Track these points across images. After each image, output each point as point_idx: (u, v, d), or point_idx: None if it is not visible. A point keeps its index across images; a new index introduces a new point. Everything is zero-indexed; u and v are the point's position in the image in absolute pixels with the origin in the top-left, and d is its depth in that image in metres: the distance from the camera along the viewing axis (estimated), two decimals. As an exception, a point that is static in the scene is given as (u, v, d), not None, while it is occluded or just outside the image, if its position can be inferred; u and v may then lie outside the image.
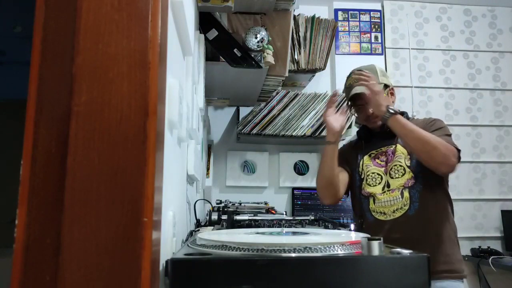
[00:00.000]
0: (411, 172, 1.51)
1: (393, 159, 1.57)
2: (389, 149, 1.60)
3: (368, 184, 1.59)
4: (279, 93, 2.46)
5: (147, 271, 0.50)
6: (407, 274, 0.59)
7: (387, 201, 1.53)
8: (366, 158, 1.64)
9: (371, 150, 1.64)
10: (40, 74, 0.54)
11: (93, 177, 0.51)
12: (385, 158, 1.59)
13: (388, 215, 1.51)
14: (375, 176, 1.59)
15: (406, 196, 1.49)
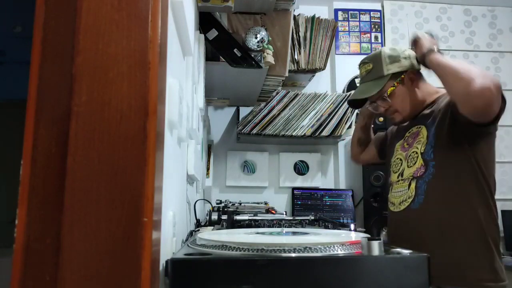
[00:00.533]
0: (422, 160, 1.31)
1: (413, 144, 1.38)
2: (417, 131, 1.40)
3: (393, 171, 1.46)
4: (279, 93, 2.46)
5: (147, 271, 0.50)
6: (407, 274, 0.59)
7: (398, 191, 1.40)
8: (400, 142, 1.48)
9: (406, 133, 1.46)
10: (40, 74, 0.54)
11: (93, 177, 0.51)
12: (412, 141, 1.40)
13: (396, 206, 1.38)
14: (397, 162, 1.45)
15: (412, 187, 1.33)
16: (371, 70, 1.42)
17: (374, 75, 1.41)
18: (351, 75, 2.82)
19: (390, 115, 1.45)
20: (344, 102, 2.48)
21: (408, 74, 1.40)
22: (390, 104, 1.41)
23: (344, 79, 2.83)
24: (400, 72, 1.39)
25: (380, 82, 1.39)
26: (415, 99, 1.41)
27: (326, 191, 2.64)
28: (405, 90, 1.40)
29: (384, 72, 1.39)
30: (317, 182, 2.72)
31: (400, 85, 1.39)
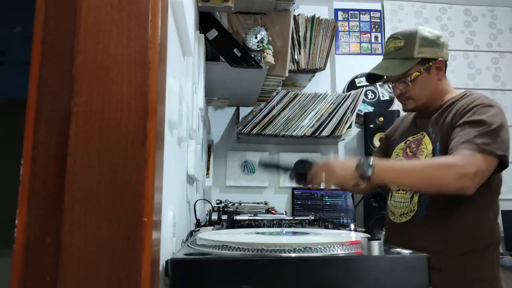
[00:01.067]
0: None
1: (417, 153, 1.29)
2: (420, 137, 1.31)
3: None
4: (279, 93, 2.46)
5: (147, 271, 0.50)
6: (407, 274, 0.59)
7: (397, 202, 1.34)
8: (401, 145, 1.38)
9: (409, 136, 1.37)
10: (40, 74, 0.54)
11: (93, 177, 0.51)
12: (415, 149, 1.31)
13: (396, 217, 1.33)
14: None
15: (414, 201, 1.27)
16: (402, 47, 1.31)
17: (403, 54, 1.30)
18: (351, 75, 2.82)
19: (403, 100, 1.35)
20: (344, 102, 2.48)
21: (437, 63, 1.30)
22: (408, 90, 1.31)
23: (344, 79, 2.83)
24: (430, 58, 1.29)
25: (408, 64, 1.29)
26: (435, 91, 1.32)
27: (326, 191, 2.64)
28: (428, 79, 1.30)
29: (415, 54, 1.28)
30: (317, 182, 2.72)
31: (426, 72, 1.30)
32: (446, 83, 1.36)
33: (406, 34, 1.32)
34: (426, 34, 1.30)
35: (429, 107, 1.35)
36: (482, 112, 1.17)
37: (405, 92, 1.32)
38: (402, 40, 1.31)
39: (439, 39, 1.31)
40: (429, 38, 1.30)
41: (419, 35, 1.29)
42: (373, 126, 2.53)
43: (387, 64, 1.35)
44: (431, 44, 1.29)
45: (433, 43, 1.30)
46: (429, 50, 1.29)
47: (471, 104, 1.21)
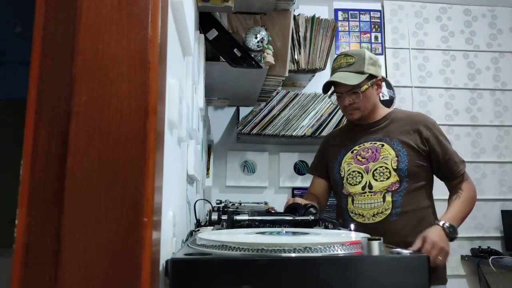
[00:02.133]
0: (397, 175, 1.44)
1: (378, 159, 1.48)
2: (374, 146, 1.51)
3: (349, 183, 1.52)
4: (279, 93, 2.46)
5: (147, 271, 0.50)
6: (407, 274, 0.59)
7: (366, 203, 1.47)
8: (348, 155, 1.55)
9: (354, 146, 1.56)
10: (40, 74, 0.54)
11: (93, 177, 0.51)
12: (367, 155, 1.50)
13: (367, 218, 1.46)
14: (355, 174, 1.51)
15: (388, 200, 1.43)
16: (353, 63, 1.50)
17: (355, 69, 1.49)
18: (351, 75, 2.82)
19: (350, 111, 1.53)
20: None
21: (377, 80, 1.54)
22: (357, 101, 1.50)
23: (344, 79, 2.82)
24: (375, 76, 1.51)
25: (360, 77, 1.48)
26: (376, 104, 1.56)
27: (326, 191, 2.64)
28: (373, 93, 1.53)
29: (365, 69, 1.49)
30: (317, 182, 2.72)
31: (371, 87, 1.51)
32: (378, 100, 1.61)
33: (355, 53, 1.53)
34: (370, 55, 1.54)
35: (369, 118, 1.57)
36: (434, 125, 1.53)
37: (353, 103, 1.51)
38: (353, 57, 1.52)
39: (378, 61, 1.56)
40: (373, 59, 1.53)
41: (366, 55, 1.52)
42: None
43: (343, 75, 1.51)
44: (374, 64, 1.53)
45: (375, 63, 1.54)
46: (373, 68, 1.52)
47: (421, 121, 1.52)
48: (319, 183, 1.70)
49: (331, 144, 1.68)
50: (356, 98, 1.50)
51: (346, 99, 1.51)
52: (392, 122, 1.54)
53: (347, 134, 1.63)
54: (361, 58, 1.50)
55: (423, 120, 1.52)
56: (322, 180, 1.69)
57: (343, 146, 1.59)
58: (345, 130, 1.68)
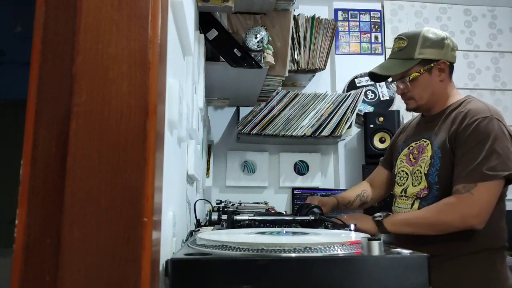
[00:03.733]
0: (426, 181, 1.27)
1: (418, 160, 1.32)
2: (422, 145, 1.32)
3: (397, 183, 1.40)
4: (279, 93, 2.45)
5: (147, 271, 0.50)
6: (407, 274, 0.59)
7: (400, 207, 1.37)
8: (405, 151, 1.40)
9: (412, 142, 1.39)
10: (40, 74, 0.54)
11: (93, 177, 0.51)
12: (417, 155, 1.33)
13: None
14: (403, 175, 1.37)
15: (415, 208, 1.30)
16: (404, 48, 1.33)
17: (404, 55, 1.33)
18: (351, 75, 2.82)
19: (406, 100, 1.38)
20: (344, 102, 2.48)
21: (439, 64, 1.32)
22: (409, 89, 1.34)
23: (344, 79, 2.83)
24: (432, 60, 1.31)
25: (407, 64, 1.32)
26: (437, 92, 1.34)
27: (326, 191, 2.64)
28: (429, 80, 1.32)
29: (415, 54, 1.31)
30: (317, 182, 2.72)
31: (427, 73, 1.31)
32: (450, 85, 1.36)
33: (409, 35, 1.34)
34: (429, 35, 1.32)
35: (431, 108, 1.36)
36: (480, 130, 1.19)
37: (406, 92, 1.35)
38: (405, 40, 1.34)
39: (443, 41, 1.33)
40: (432, 39, 1.32)
41: (422, 36, 1.31)
42: (373, 126, 2.53)
43: (388, 64, 1.38)
44: (434, 45, 1.31)
45: (435, 44, 1.31)
46: (431, 51, 1.30)
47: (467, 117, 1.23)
48: (380, 172, 1.60)
49: (399, 135, 1.53)
50: (405, 87, 1.33)
51: (398, 88, 1.36)
52: (448, 115, 1.30)
53: (414, 127, 1.45)
54: (414, 42, 1.31)
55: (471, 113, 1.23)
56: (384, 170, 1.57)
57: (405, 139, 1.44)
58: (416, 122, 1.48)
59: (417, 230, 1.22)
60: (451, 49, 1.35)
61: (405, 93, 1.36)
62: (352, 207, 1.57)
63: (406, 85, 1.33)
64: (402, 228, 1.24)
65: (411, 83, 1.32)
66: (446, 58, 1.33)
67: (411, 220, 1.25)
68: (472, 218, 1.15)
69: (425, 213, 1.23)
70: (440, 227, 1.19)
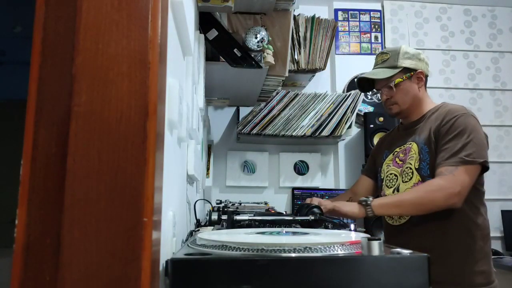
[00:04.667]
0: (419, 175, 1.37)
1: (407, 159, 1.43)
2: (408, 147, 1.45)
3: (387, 186, 1.49)
4: (279, 93, 2.45)
5: (147, 271, 0.50)
6: (407, 274, 0.59)
7: None
8: (390, 157, 1.52)
9: (396, 147, 1.52)
10: (40, 74, 0.54)
11: (93, 177, 0.51)
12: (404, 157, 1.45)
13: (395, 220, 1.44)
14: (392, 177, 1.48)
15: None
16: (387, 59, 1.51)
17: (388, 64, 1.50)
18: (351, 75, 2.82)
19: (389, 105, 1.51)
20: (344, 102, 2.48)
21: (418, 74, 1.48)
22: (392, 95, 1.48)
23: (344, 79, 2.83)
24: (411, 69, 1.48)
25: (391, 71, 1.48)
26: (416, 98, 1.49)
27: (326, 191, 2.64)
28: (411, 86, 1.48)
29: (398, 63, 1.48)
30: (317, 182, 2.73)
31: (408, 80, 1.48)
32: (426, 94, 1.54)
33: (391, 50, 1.54)
34: (407, 50, 1.51)
35: (410, 115, 1.52)
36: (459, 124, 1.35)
37: (390, 97, 1.50)
38: (388, 54, 1.53)
39: (419, 55, 1.52)
40: (410, 52, 1.51)
41: (402, 50, 1.50)
42: (373, 126, 2.53)
43: (374, 71, 1.54)
44: (412, 58, 1.50)
45: (413, 56, 1.51)
46: (410, 62, 1.49)
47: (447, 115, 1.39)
48: (363, 181, 1.69)
49: (381, 144, 1.67)
50: (390, 92, 1.48)
51: (383, 95, 1.51)
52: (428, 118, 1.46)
53: (395, 134, 1.60)
54: (395, 54, 1.50)
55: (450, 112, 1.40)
56: (367, 178, 1.67)
57: (388, 146, 1.57)
58: (395, 131, 1.64)
59: (405, 210, 1.34)
60: (425, 63, 1.53)
61: (389, 99, 1.50)
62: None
63: (391, 90, 1.48)
64: (390, 209, 1.34)
65: (396, 88, 1.48)
66: (422, 69, 1.51)
67: (399, 202, 1.33)
68: (454, 196, 1.27)
69: (412, 194, 1.33)
70: (427, 206, 1.30)
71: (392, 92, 1.48)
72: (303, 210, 1.19)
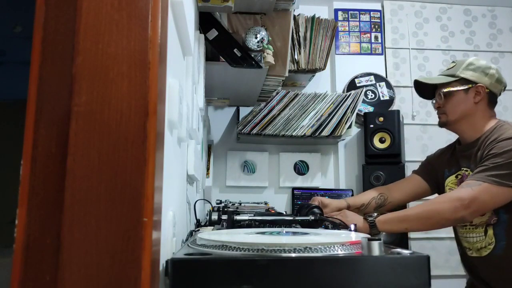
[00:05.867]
0: None
1: None
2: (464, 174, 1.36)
3: None
4: (279, 93, 2.45)
5: (147, 271, 0.50)
6: (407, 274, 0.59)
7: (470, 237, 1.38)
8: (452, 179, 1.43)
9: (458, 170, 1.42)
10: (40, 74, 0.54)
11: (93, 177, 0.51)
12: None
13: (474, 251, 1.37)
14: None
15: (490, 234, 1.32)
16: (452, 68, 1.45)
17: (449, 72, 1.44)
18: (351, 75, 2.82)
19: (439, 114, 1.46)
20: (344, 102, 2.48)
21: (477, 88, 1.38)
22: (443, 103, 1.42)
23: (344, 79, 2.83)
24: (471, 81, 1.39)
25: (448, 79, 1.42)
26: (469, 113, 1.40)
27: (326, 191, 2.64)
28: (464, 99, 1.39)
29: (457, 73, 1.40)
30: (317, 182, 2.72)
31: (463, 91, 1.39)
32: (487, 113, 1.41)
33: (459, 60, 1.46)
34: (475, 62, 1.41)
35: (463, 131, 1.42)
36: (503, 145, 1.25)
37: (441, 105, 1.43)
38: (455, 63, 1.45)
39: (488, 69, 1.40)
40: (476, 64, 1.40)
41: (469, 61, 1.42)
42: (373, 126, 2.53)
43: (432, 77, 1.49)
44: (476, 70, 1.39)
45: (478, 69, 1.39)
46: (472, 74, 1.39)
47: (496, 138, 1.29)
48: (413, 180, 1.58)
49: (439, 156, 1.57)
50: (441, 100, 1.42)
51: (436, 102, 1.46)
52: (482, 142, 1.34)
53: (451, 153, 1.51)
54: (460, 63, 1.42)
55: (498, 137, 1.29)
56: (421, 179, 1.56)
57: (447, 165, 1.48)
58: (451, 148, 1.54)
59: (411, 225, 1.26)
60: (495, 80, 1.40)
61: (440, 107, 1.44)
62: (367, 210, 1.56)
63: (440, 98, 1.42)
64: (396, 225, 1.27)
65: (445, 97, 1.41)
66: (486, 84, 1.39)
67: (404, 217, 1.27)
68: (462, 209, 1.18)
69: (418, 208, 1.27)
70: (434, 220, 1.22)
71: (441, 100, 1.42)
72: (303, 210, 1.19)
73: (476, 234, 1.36)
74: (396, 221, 1.26)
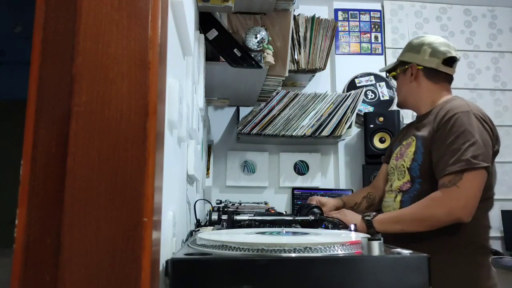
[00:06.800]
0: (409, 175, 1.32)
1: (403, 155, 1.37)
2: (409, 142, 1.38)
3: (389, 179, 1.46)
4: (279, 93, 2.45)
5: (147, 271, 0.50)
6: (407, 274, 0.59)
7: (386, 201, 1.43)
8: (397, 150, 1.46)
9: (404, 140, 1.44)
10: (40, 74, 0.54)
11: (93, 177, 0.51)
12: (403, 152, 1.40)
13: None
14: (392, 171, 1.44)
15: (397, 201, 1.36)
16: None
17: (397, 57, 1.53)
18: (351, 75, 2.82)
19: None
20: (344, 102, 2.48)
21: (411, 68, 1.43)
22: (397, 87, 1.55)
23: (344, 79, 2.83)
24: (407, 62, 1.45)
25: (392, 65, 1.53)
26: (411, 92, 1.46)
27: (326, 191, 2.64)
28: (404, 80, 1.47)
29: (399, 57, 1.50)
30: (317, 182, 2.72)
31: (402, 74, 1.47)
32: (434, 88, 1.42)
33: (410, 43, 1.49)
34: (413, 41, 1.46)
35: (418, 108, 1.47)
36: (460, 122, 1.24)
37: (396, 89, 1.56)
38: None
39: (421, 46, 1.41)
40: (412, 44, 1.45)
41: (411, 41, 1.47)
42: (373, 126, 2.53)
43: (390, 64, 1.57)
44: (411, 50, 1.44)
45: (413, 48, 1.44)
46: (408, 54, 1.45)
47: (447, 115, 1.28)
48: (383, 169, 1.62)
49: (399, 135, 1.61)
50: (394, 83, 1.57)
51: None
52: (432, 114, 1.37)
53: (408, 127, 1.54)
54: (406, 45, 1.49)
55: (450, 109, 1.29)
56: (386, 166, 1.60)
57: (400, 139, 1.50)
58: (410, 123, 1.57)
59: (406, 227, 1.24)
60: (429, 55, 1.40)
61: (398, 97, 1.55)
62: (360, 209, 1.58)
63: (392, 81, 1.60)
64: (391, 226, 1.26)
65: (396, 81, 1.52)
66: (419, 62, 1.41)
67: (399, 218, 1.27)
68: (459, 210, 1.18)
69: (413, 209, 1.25)
70: (428, 222, 1.21)
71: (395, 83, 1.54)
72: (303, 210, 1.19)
73: (390, 199, 1.40)
74: (392, 221, 1.27)
